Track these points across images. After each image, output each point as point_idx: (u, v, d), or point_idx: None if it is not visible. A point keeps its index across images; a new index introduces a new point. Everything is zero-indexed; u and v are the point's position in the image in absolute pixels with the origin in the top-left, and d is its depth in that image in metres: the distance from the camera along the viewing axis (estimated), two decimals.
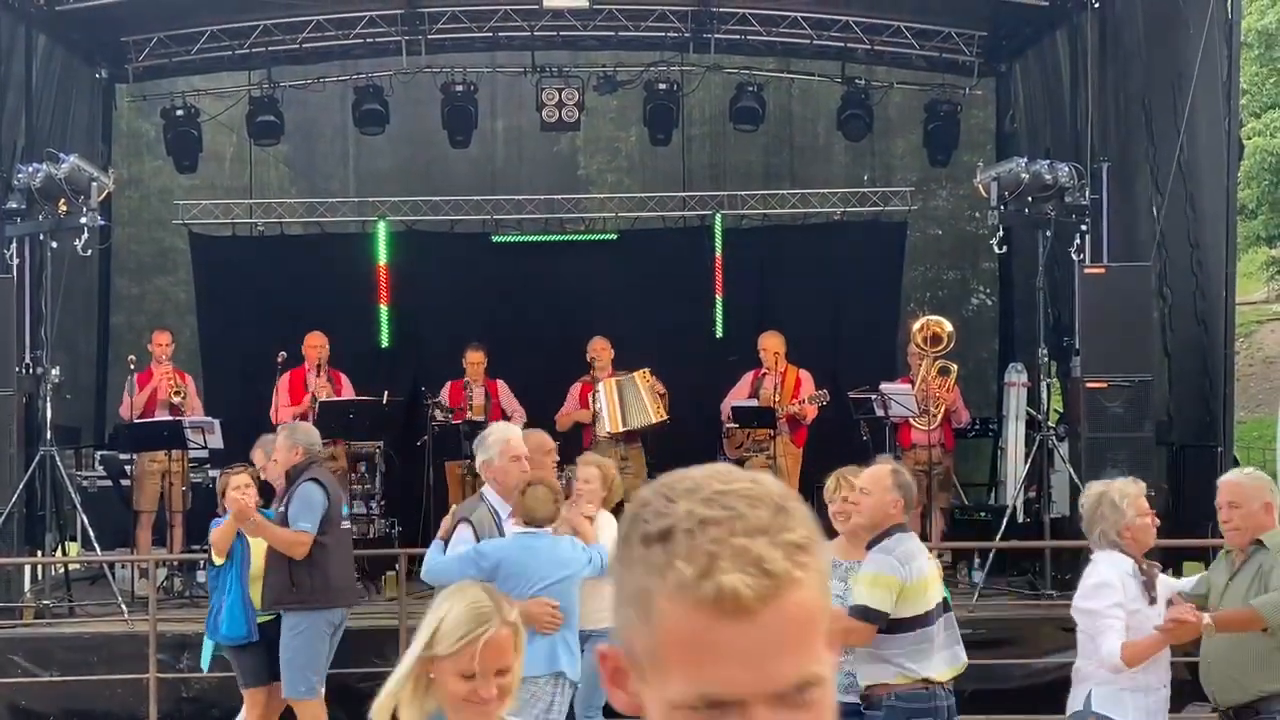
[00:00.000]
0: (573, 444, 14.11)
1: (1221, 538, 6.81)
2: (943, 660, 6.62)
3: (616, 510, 8.51)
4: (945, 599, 6.77)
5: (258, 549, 9.02)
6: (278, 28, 15.43)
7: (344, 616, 9.19)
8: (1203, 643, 6.63)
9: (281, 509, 8.97)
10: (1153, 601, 6.35)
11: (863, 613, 6.42)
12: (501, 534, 7.46)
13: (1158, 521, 6.52)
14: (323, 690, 8.96)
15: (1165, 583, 6.49)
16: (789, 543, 1.47)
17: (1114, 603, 6.26)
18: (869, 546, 6.65)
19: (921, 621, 6.56)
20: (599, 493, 8.56)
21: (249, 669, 9.09)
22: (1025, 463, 13.19)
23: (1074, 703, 6.55)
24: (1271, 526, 6.45)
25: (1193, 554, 11.90)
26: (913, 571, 6.55)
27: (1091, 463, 11.74)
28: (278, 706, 9.20)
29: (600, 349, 13.85)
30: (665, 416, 13.35)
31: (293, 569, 8.80)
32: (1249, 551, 6.45)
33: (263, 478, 9.77)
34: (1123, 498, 6.39)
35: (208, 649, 9.39)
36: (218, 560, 9.04)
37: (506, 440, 7.78)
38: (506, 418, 13.77)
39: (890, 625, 6.46)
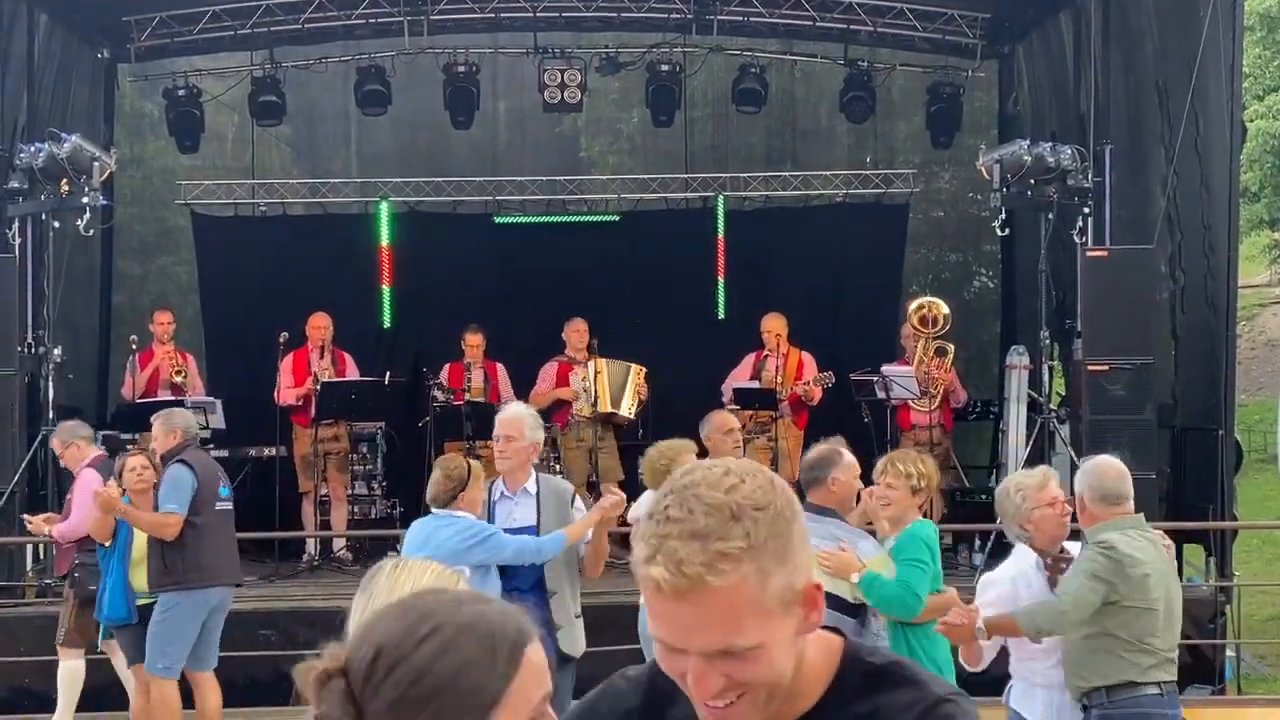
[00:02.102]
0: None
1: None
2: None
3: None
4: None
5: (140, 533, 9.15)
6: (279, 8, 15.40)
7: (223, 597, 9.25)
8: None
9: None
10: None
11: None
12: (490, 517, 7.41)
13: (1067, 510, 6.44)
14: (180, 670, 9.03)
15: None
16: (717, 551, 1.84)
17: (988, 600, 6.34)
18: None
19: None
20: None
21: (133, 647, 9.25)
22: (1026, 445, 13.19)
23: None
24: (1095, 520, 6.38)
25: (1193, 537, 11.91)
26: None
27: (1093, 445, 11.69)
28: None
29: (580, 330, 13.87)
30: (632, 417, 13.40)
31: (164, 552, 8.92)
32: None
33: (62, 464, 10.17)
34: (1018, 490, 6.39)
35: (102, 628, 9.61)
36: (103, 543, 9.27)
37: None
38: (503, 403, 13.80)
39: None
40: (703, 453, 9.30)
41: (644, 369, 13.61)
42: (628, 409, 13.46)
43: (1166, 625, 6.16)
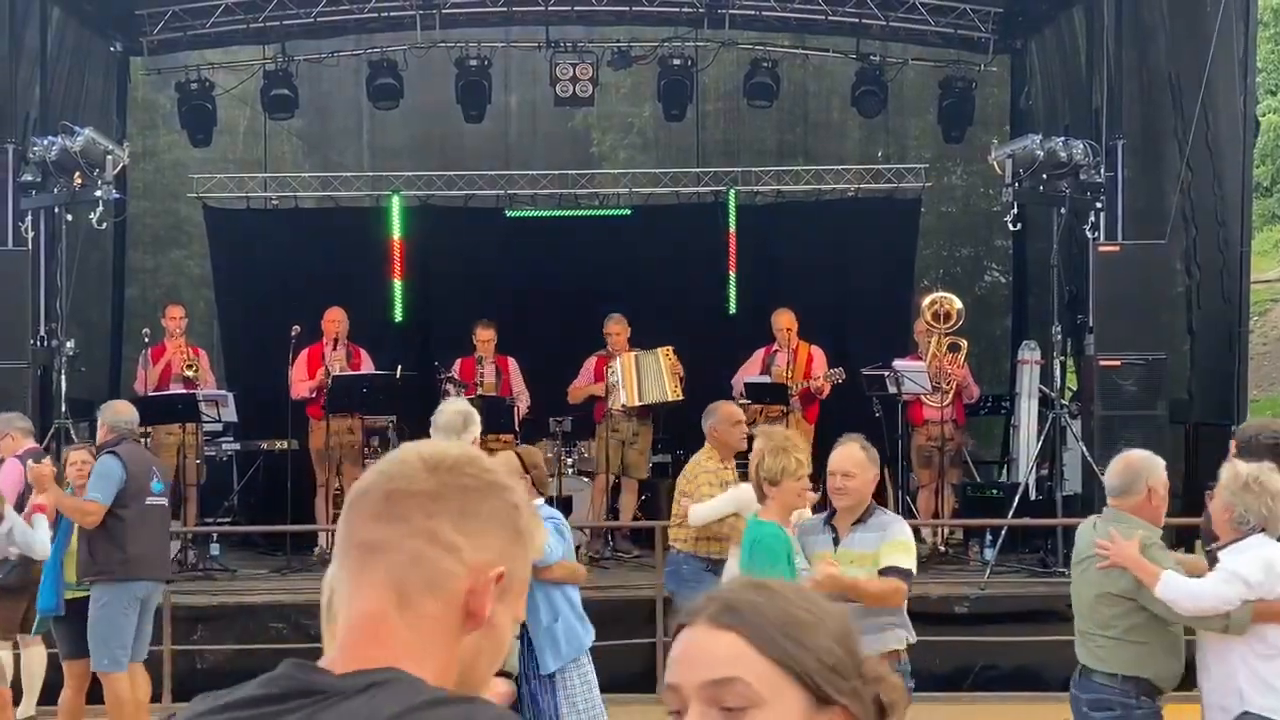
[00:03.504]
0: (584, 417, 14.16)
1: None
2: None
3: None
4: None
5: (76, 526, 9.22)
6: (292, 1, 15.42)
7: (150, 591, 9.25)
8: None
9: None
10: None
11: (902, 573, 6.56)
12: None
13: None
14: (127, 662, 9.06)
15: None
16: None
17: None
18: (856, 522, 6.73)
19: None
20: None
21: (63, 641, 9.34)
22: (1038, 440, 13.19)
23: None
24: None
25: None
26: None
27: (1104, 440, 11.73)
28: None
29: (617, 327, 13.85)
30: (680, 396, 13.39)
31: (90, 542, 8.96)
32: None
33: None
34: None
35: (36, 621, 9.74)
36: None
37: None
38: (514, 397, 13.80)
39: None
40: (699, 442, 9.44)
41: (670, 347, 13.59)
42: (671, 392, 13.42)
43: (1076, 608, 6.67)
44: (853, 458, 6.78)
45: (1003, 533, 12.39)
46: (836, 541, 6.72)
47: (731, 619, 1.75)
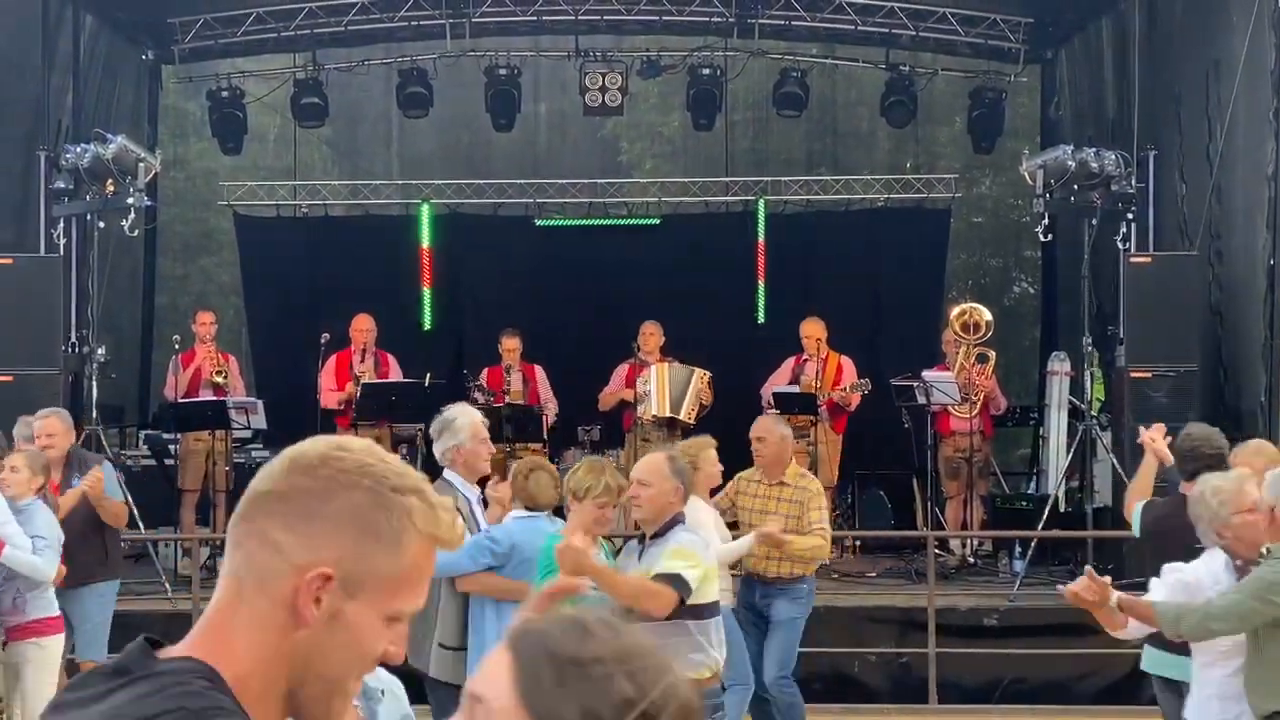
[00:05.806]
0: (613, 425, 14.16)
1: None
2: (720, 655, 6.57)
3: None
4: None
5: None
6: (323, 10, 15.48)
7: None
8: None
9: None
10: None
11: (672, 579, 6.15)
12: (474, 521, 7.10)
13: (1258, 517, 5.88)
14: None
15: None
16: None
17: (1167, 583, 5.98)
18: (654, 536, 6.43)
19: (714, 610, 6.53)
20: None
21: None
22: (1067, 452, 13.13)
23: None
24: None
25: None
26: (710, 556, 6.53)
27: (1135, 453, 11.64)
28: None
29: (650, 333, 13.83)
30: (692, 422, 13.36)
31: None
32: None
33: None
34: (1215, 495, 5.89)
35: None
36: None
37: (474, 423, 7.30)
38: (542, 405, 13.79)
39: (688, 611, 6.27)
40: (745, 455, 9.29)
41: (707, 373, 13.52)
42: (686, 413, 13.40)
43: None
44: (649, 466, 6.50)
45: (1032, 545, 12.35)
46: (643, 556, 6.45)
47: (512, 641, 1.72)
